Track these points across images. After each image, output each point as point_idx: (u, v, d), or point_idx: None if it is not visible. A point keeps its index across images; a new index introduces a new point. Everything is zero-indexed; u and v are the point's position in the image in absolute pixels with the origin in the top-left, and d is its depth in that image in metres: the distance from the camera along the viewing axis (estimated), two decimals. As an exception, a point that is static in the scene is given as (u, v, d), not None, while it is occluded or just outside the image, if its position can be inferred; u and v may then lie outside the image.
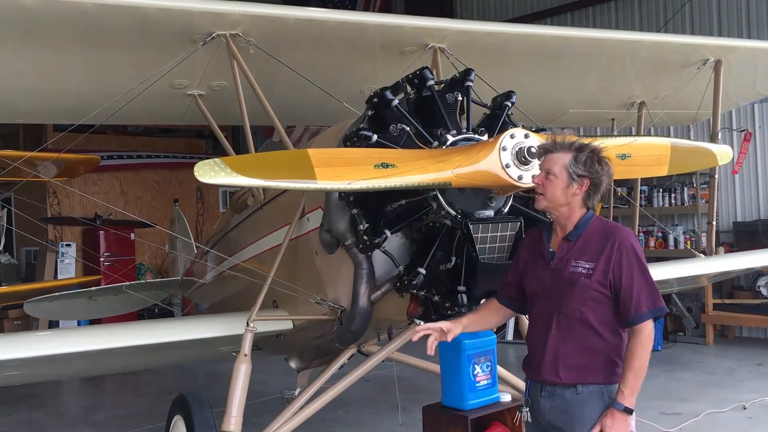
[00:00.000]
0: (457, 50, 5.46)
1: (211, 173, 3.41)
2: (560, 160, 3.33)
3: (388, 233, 3.94)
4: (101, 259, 14.32)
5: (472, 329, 3.76)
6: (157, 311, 13.04)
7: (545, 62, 6.43)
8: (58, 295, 9.81)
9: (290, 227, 4.80)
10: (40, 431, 8.13)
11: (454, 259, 3.94)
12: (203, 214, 16.84)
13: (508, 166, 3.63)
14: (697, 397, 7.94)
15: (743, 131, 9.48)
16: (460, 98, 4.17)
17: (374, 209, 3.99)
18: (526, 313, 3.68)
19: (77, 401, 9.72)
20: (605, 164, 3.37)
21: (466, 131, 4.02)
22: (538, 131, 3.85)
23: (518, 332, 6.66)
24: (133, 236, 14.82)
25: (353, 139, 3.93)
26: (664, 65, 6.93)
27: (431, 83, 4.13)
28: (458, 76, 4.29)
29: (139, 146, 16.82)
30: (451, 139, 3.95)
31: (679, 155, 4.46)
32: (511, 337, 11.44)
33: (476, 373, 4.20)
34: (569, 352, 3.34)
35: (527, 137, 3.67)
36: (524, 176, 3.64)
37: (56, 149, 8.27)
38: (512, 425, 4.20)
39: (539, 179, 3.42)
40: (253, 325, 4.70)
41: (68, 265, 13.95)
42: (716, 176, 7.43)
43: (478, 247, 3.80)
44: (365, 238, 3.99)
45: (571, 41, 6.30)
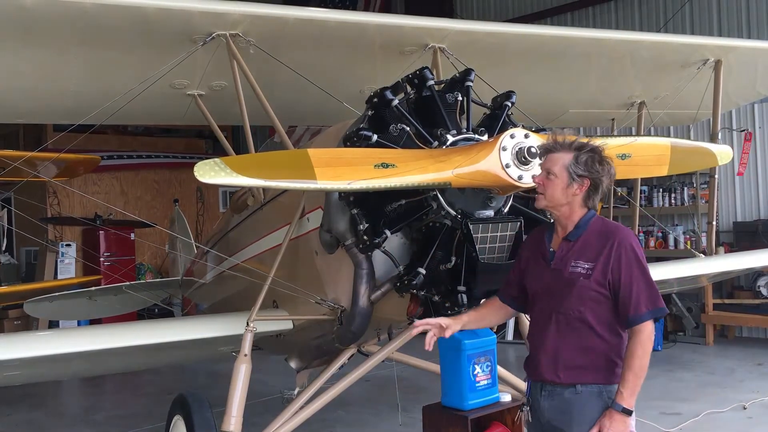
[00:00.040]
0: (457, 50, 5.46)
1: (211, 173, 3.40)
2: (561, 160, 3.33)
3: (388, 233, 3.94)
4: (101, 259, 14.32)
5: (472, 327, 3.76)
6: (157, 311, 13.04)
7: (545, 62, 6.43)
8: (58, 295, 9.80)
9: (290, 227, 4.80)
10: (40, 431, 8.13)
11: (454, 259, 3.94)
12: (203, 214, 16.84)
13: (508, 166, 3.63)
14: (697, 397, 7.94)
15: (743, 131, 9.49)
16: (460, 98, 4.16)
17: (374, 209, 3.99)
18: (527, 312, 3.68)
19: (77, 401, 9.72)
20: (606, 164, 3.36)
21: (466, 131, 4.02)
22: (538, 131, 3.85)
23: (518, 332, 6.65)
24: (133, 236, 14.82)
25: (353, 139, 3.93)
26: (664, 65, 6.93)
27: (431, 83, 4.12)
28: (458, 76, 4.29)
29: (139, 146, 16.82)
30: (451, 139, 3.94)
31: (679, 155, 4.46)
32: (511, 337, 11.44)
33: (476, 373, 4.20)
34: (568, 351, 3.34)
35: (527, 137, 3.67)
36: (524, 176, 3.64)
37: (56, 149, 8.28)
38: (512, 425, 4.19)
39: (540, 179, 3.42)
40: (253, 325, 4.69)
41: (68, 265, 13.95)
42: (716, 176, 7.43)
43: (478, 247, 3.80)
44: (365, 238, 3.99)
45: (571, 41, 6.30)
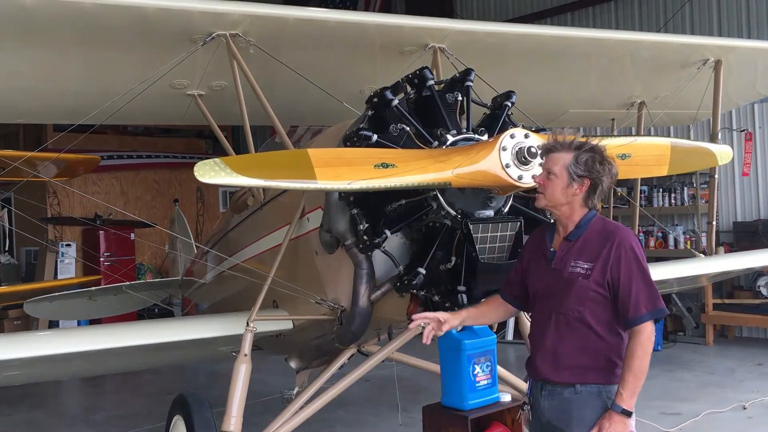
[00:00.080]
0: (457, 50, 5.46)
1: (211, 173, 3.40)
2: (561, 159, 3.32)
3: (388, 233, 3.94)
4: (101, 259, 14.32)
5: (470, 323, 3.77)
6: (157, 311, 13.04)
7: (545, 62, 6.43)
8: (58, 295, 9.80)
9: (290, 227, 4.80)
10: (40, 431, 8.13)
11: (454, 259, 3.93)
12: (203, 214, 16.84)
13: (508, 166, 3.63)
14: (697, 397, 7.94)
15: (743, 131, 9.49)
16: (460, 98, 4.16)
17: (374, 209, 3.98)
18: (528, 311, 3.68)
19: (77, 401, 9.72)
20: (607, 164, 3.35)
21: (466, 131, 4.02)
22: (538, 131, 3.85)
23: (518, 332, 6.65)
24: (133, 236, 14.82)
25: (353, 139, 3.93)
26: (664, 65, 6.93)
27: (431, 83, 4.12)
28: (458, 76, 4.29)
29: (139, 146, 16.82)
30: (451, 139, 3.94)
31: (679, 155, 4.45)
32: (511, 337, 11.43)
33: (476, 373, 4.19)
34: (568, 351, 3.34)
35: (527, 137, 3.67)
36: (524, 176, 3.64)
37: (56, 149, 8.28)
38: (512, 425, 4.19)
39: (540, 178, 3.42)
40: (253, 325, 4.69)
41: (68, 265, 13.95)
42: (716, 176, 7.43)
43: (478, 247, 3.80)
44: (365, 238, 3.99)
45: (571, 41, 6.30)
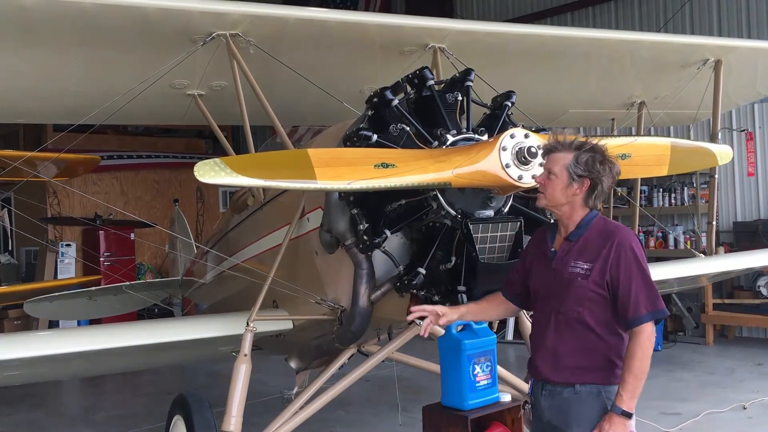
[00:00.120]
0: (457, 50, 5.46)
1: (211, 173, 3.40)
2: (561, 159, 3.33)
3: (388, 233, 3.94)
4: (101, 259, 14.33)
5: (470, 318, 3.79)
6: (157, 311, 13.04)
7: (545, 62, 6.43)
8: (58, 295, 9.80)
9: (290, 227, 4.80)
10: (40, 431, 8.13)
11: (454, 259, 3.93)
12: (203, 214, 16.84)
13: (508, 166, 3.63)
14: (697, 397, 7.94)
15: (743, 131, 9.49)
16: (460, 98, 4.16)
17: (374, 209, 3.98)
18: (529, 309, 3.68)
19: (77, 401, 9.72)
20: (608, 164, 3.34)
21: (466, 131, 4.02)
22: (538, 131, 3.85)
23: (518, 332, 6.65)
24: (133, 236, 14.83)
25: (353, 139, 3.93)
26: (664, 65, 6.93)
27: (431, 83, 4.12)
28: (458, 76, 4.28)
29: (139, 146, 16.83)
30: (451, 139, 3.94)
31: (679, 155, 4.45)
32: (511, 337, 11.44)
33: (476, 373, 4.19)
34: (567, 351, 3.34)
35: (527, 137, 3.67)
36: (524, 176, 3.64)
37: (56, 149, 8.28)
38: (512, 425, 4.19)
39: (541, 178, 3.43)
40: (253, 325, 4.69)
41: (68, 265, 13.95)
42: (716, 176, 7.43)
43: (478, 247, 3.80)
44: (365, 238, 3.99)
45: (571, 41, 6.30)
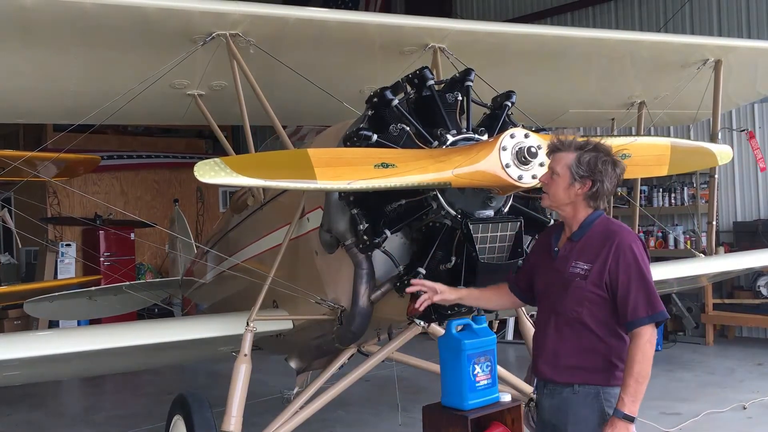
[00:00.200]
0: (457, 50, 5.46)
1: (211, 173, 3.40)
2: (564, 159, 3.34)
3: (388, 233, 3.94)
4: (101, 259, 14.33)
5: (470, 303, 3.84)
6: (157, 311, 13.04)
7: (545, 62, 6.43)
8: (58, 295, 9.80)
9: (290, 227, 4.79)
10: (40, 431, 8.13)
11: (454, 258, 3.93)
12: (203, 214, 16.84)
13: (508, 165, 3.63)
14: (697, 397, 7.94)
15: (743, 131, 9.48)
16: (460, 98, 4.16)
17: (374, 209, 3.98)
18: (533, 304, 3.69)
19: (77, 401, 9.72)
20: (610, 165, 3.34)
21: (466, 131, 4.01)
22: (538, 131, 3.85)
23: (518, 332, 6.65)
24: (133, 236, 14.83)
25: (353, 139, 3.93)
26: (664, 65, 6.93)
27: (431, 83, 4.12)
28: (458, 76, 4.28)
29: (139, 146, 16.83)
30: (451, 139, 3.94)
31: (679, 155, 4.45)
32: (511, 337, 11.44)
33: (476, 373, 4.18)
34: (567, 351, 3.34)
35: (527, 137, 3.67)
36: (524, 176, 3.64)
37: (56, 149, 8.29)
38: (512, 425, 4.19)
39: (545, 177, 3.44)
40: (253, 325, 4.69)
41: (68, 265, 13.94)
42: (716, 176, 7.43)
43: (478, 246, 3.80)
44: (365, 238, 3.99)
45: (571, 41, 6.30)
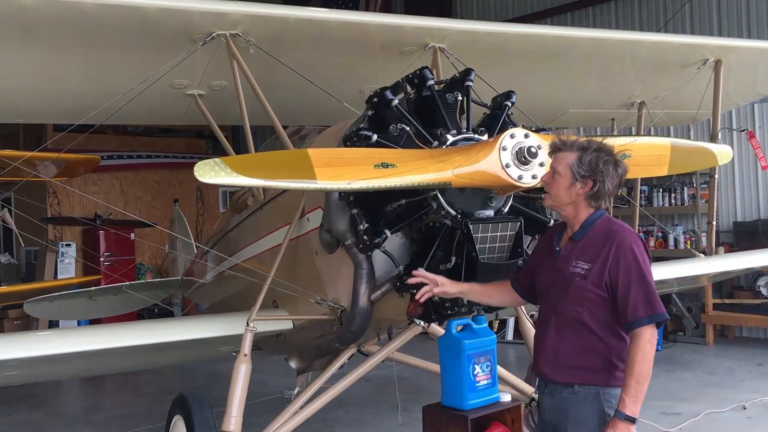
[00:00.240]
0: (457, 50, 5.46)
1: (211, 173, 3.40)
2: (565, 159, 3.35)
3: (388, 233, 3.94)
4: (101, 259, 14.33)
5: (471, 298, 3.84)
6: (157, 311, 13.04)
7: (545, 62, 6.43)
8: (58, 295, 9.80)
9: (290, 227, 4.79)
10: (40, 431, 8.13)
11: (454, 258, 3.93)
12: (203, 214, 16.84)
13: (508, 165, 3.62)
14: (697, 397, 7.94)
15: (743, 131, 9.48)
16: (460, 98, 4.16)
17: (374, 209, 3.98)
18: (534, 303, 3.70)
19: (77, 401, 9.72)
20: (612, 165, 3.34)
21: (466, 131, 4.01)
22: (538, 131, 3.85)
23: (518, 332, 6.65)
24: (133, 236, 14.83)
25: (353, 139, 3.93)
26: (664, 65, 6.93)
27: (431, 83, 4.12)
28: (458, 76, 4.28)
29: (139, 146, 16.83)
30: (451, 139, 3.94)
31: (679, 155, 4.45)
32: (511, 337, 11.44)
33: (476, 373, 4.18)
34: (566, 352, 3.35)
35: (527, 137, 3.67)
36: (524, 176, 3.64)
37: (56, 149, 8.28)
38: (512, 425, 4.19)
39: (546, 177, 3.45)
40: (253, 325, 4.69)
41: (68, 265, 13.95)
42: (716, 176, 7.43)
43: (478, 246, 3.80)
44: (365, 238, 3.99)
45: (571, 41, 6.30)
